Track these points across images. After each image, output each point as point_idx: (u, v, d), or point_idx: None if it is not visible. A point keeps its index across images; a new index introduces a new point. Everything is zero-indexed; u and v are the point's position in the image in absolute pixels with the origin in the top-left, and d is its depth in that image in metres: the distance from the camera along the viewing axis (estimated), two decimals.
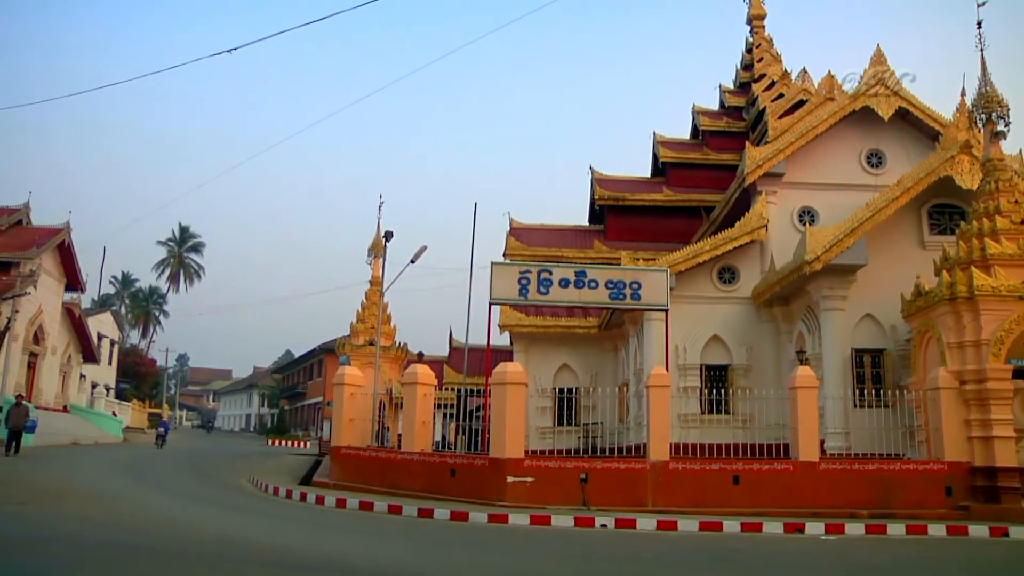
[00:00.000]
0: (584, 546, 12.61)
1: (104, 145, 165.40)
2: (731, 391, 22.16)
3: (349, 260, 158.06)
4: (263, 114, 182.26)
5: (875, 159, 24.92)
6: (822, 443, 18.49)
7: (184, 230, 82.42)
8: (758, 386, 20.37)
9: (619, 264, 23.57)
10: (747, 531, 14.62)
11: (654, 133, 34.63)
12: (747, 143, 25.95)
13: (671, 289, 20.01)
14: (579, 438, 22.88)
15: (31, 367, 41.19)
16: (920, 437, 18.14)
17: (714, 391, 21.49)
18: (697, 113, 35.50)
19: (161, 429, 40.07)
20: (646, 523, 14.82)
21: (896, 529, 14.93)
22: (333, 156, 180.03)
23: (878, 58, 24.79)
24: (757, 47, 36.75)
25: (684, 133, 36.97)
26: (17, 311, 34.53)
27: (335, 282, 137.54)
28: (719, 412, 21.61)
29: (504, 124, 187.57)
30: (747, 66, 37.05)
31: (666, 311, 19.87)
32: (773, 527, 14.75)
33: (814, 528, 14.81)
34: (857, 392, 20.01)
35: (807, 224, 22.37)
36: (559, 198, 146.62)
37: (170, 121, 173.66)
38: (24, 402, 25.87)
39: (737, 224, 23.79)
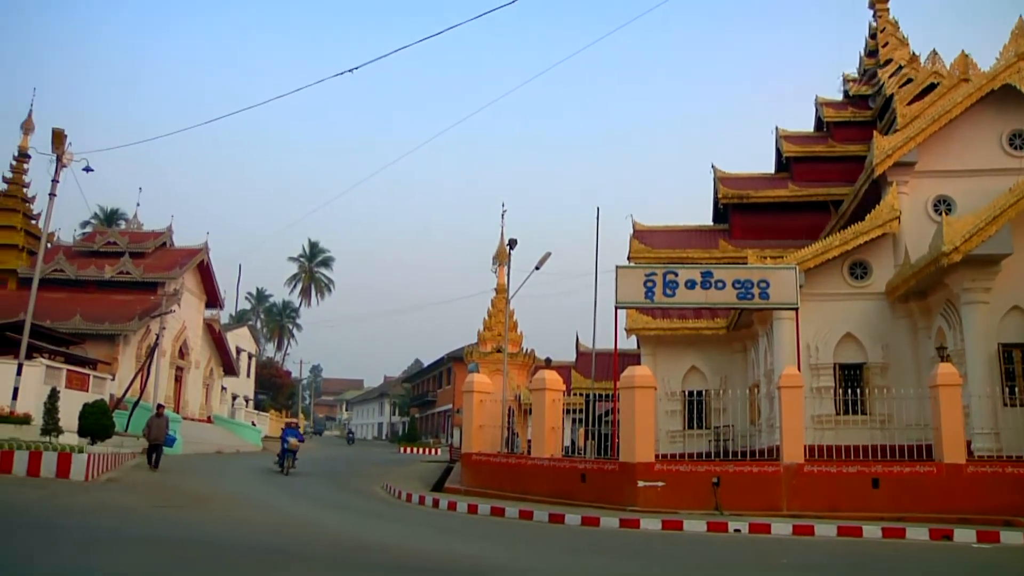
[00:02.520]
0: (718, 552, 12.43)
1: (236, 165, 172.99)
2: (867, 391, 21.36)
3: (475, 268, 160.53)
4: (387, 126, 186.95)
5: (1018, 140, 23.50)
6: (968, 444, 17.57)
7: (313, 245, 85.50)
8: (896, 385, 19.53)
9: (745, 263, 23.09)
10: (889, 537, 14.10)
11: (776, 128, 33.80)
12: (875, 132, 25.01)
13: (800, 287, 19.50)
14: (710, 441, 22.52)
15: (177, 380, 43.59)
16: None
17: (849, 391, 20.80)
18: (820, 104, 34.42)
19: (293, 439, 25.72)
20: (781, 528, 14.50)
21: None
22: (456, 165, 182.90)
23: (1020, 31, 23.34)
24: (881, 31, 35.34)
25: (807, 126, 35.93)
26: (164, 328, 36.56)
27: (461, 291, 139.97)
28: (855, 412, 20.89)
29: (623, 125, 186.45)
30: (871, 52, 35.71)
31: (796, 310, 19.38)
32: (917, 533, 14.16)
33: (964, 535, 14.08)
34: (1006, 390, 18.89)
35: (943, 214, 21.32)
36: (682, 199, 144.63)
37: (297, 138, 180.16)
38: (165, 413, 24.71)
39: (867, 217, 22.95)
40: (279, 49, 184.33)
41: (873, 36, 35.98)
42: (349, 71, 16.26)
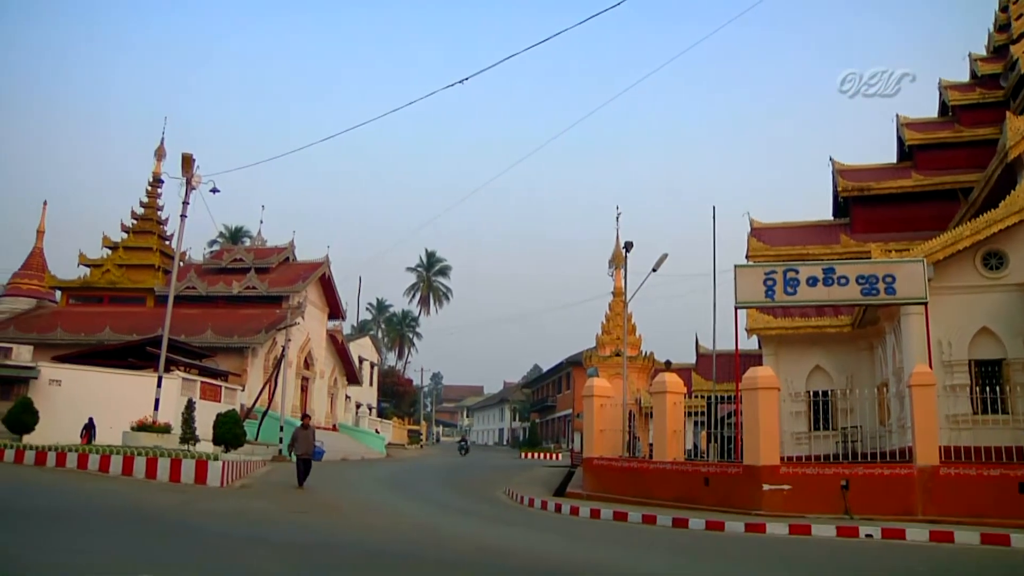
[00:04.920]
0: (850, 558, 12.07)
1: (353, 178, 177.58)
2: (1007, 388, 20.22)
3: (591, 272, 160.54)
4: (499, 133, 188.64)
5: None
6: None
7: (431, 255, 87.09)
8: None
9: (869, 258, 22.25)
10: None
11: (897, 116, 32.50)
12: (1008, 113, 23.68)
13: (929, 280, 18.73)
14: (837, 443, 21.82)
15: (303, 390, 45.12)
16: None
17: (987, 389, 19.74)
18: (945, 88, 32.86)
19: None
20: (917, 533, 13.90)
21: None
22: (570, 168, 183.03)
23: None
24: (1014, 3, 33.35)
25: (931, 113, 34.37)
26: (289, 340, 37.88)
27: (578, 295, 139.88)
28: (994, 412, 19.78)
29: (737, 122, 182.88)
30: (1002, 27, 33.81)
31: (925, 304, 18.62)
32: None
33: None
34: None
35: None
36: (799, 194, 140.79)
37: (412, 148, 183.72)
38: (311, 425, 22.18)
39: (1001, 204, 21.72)
40: (389, 62, 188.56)
41: (1004, 9, 34.00)
42: (460, 82, 16.40)
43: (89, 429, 25.38)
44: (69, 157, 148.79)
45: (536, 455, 53.41)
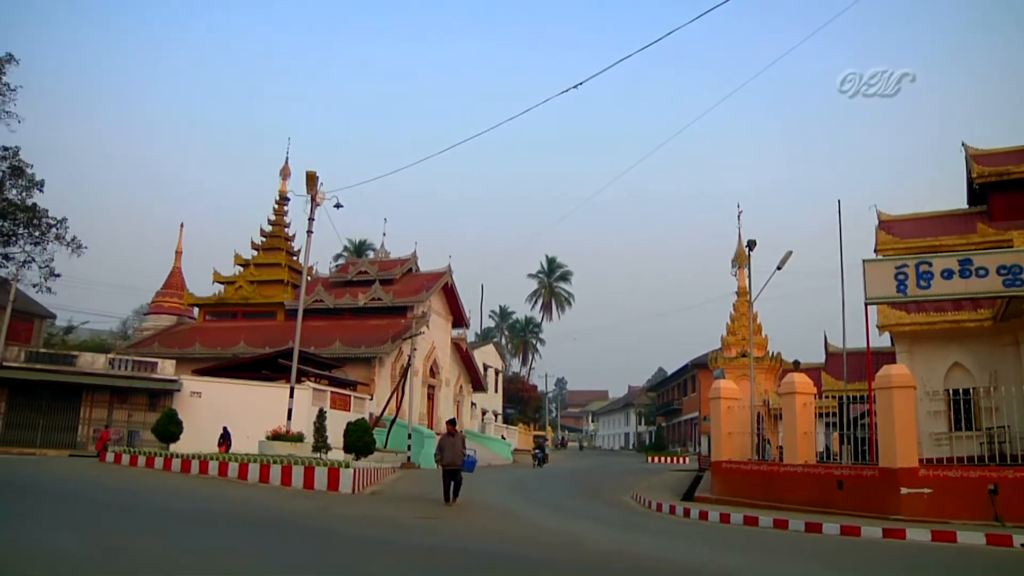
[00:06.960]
0: (1006, 568, 11.41)
1: (471, 187, 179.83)
2: None
3: (714, 273, 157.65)
4: (616, 137, 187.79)
5: None
6: None
7: (551, 261, 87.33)
8: None
9: (1010, 246, 21.12)
10: None
11: None
12: None
13: None
14: (981, 444, 20.73)
15: (430, 398, 45.97)
16: None
17: None
18: None
19: None
20: None
21: None
22: (689, 167, 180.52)
23: None
24: None
25: None
26: (415, 349, 38.67)
27: (701, 296, 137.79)
28: None
29: (857, 112, 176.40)
30: None
31: None
32: None
33: None
34: None
35: None
36: (927, 184, 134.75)
37: (528, 155, 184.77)
38: (457, 431, 18.55)
39: None
40: (502, 67, 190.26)
41: None
42: (574, 87, 16.31)
43: (225, 439, 26.61)
44: (204, 179, 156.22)
45: (663, 459, 52.85)
